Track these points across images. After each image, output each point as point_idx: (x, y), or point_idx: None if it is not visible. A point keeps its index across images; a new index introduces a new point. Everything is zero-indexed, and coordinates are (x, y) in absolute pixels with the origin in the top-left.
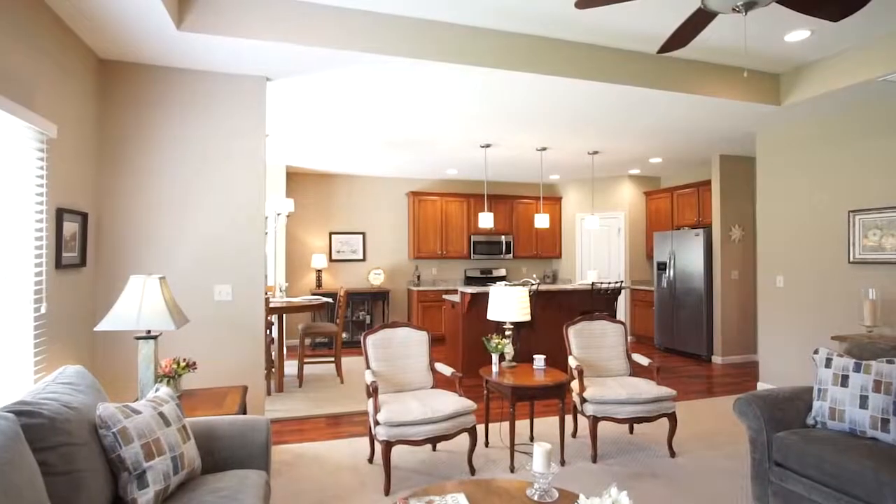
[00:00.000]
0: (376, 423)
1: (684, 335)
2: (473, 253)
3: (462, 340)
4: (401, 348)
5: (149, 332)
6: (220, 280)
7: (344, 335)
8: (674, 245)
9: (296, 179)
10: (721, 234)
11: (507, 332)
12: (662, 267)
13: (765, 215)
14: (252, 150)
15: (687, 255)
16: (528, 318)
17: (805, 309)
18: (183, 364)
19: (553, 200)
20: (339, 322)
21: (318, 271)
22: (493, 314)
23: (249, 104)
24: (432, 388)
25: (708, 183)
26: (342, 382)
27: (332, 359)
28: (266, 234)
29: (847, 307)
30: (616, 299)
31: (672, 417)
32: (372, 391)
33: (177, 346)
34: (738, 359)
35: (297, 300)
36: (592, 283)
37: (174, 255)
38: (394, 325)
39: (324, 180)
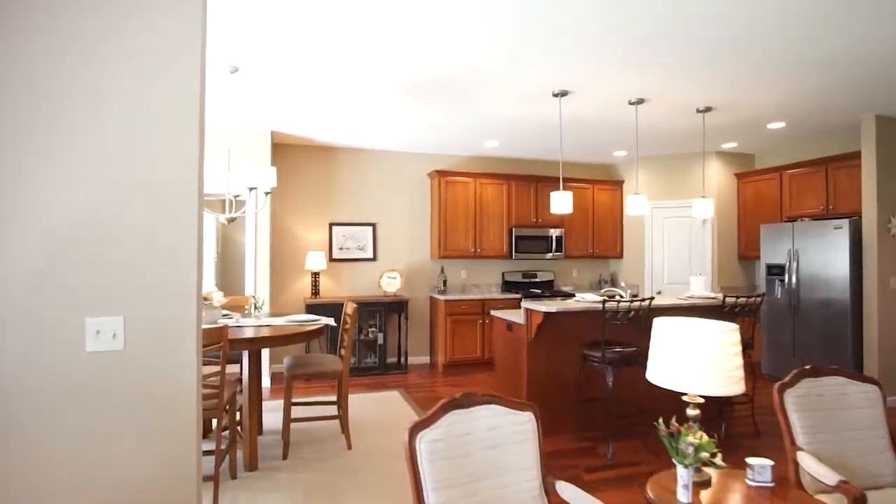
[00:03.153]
0: None
1: (814, 362)
2: (515, 251)
3: (527, 376)
4: (485, 454)
5: None
6: (101, 308)
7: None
8: (796, 241)
9: (285, 153)
10: (878, 227)
11: (693, 415)
12: (776, 270)
13: None
14: (180, 82)
15: (820, 256)
16: (740, 389)
17: None
18: None
19: (612, 185)
20: (344, 355)
21: (315, 274)
22: (658, 375)
23: None
24: None
25: (839, 159)
26: (350, 448)
27: (335, 408)
28: (231, 220)
29: None
30: (753, 318)
31: None
32: None
33: None
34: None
35: (281, 322)
36: (724, 297)
37: None
38: (467, 401)
39: (322, 155)
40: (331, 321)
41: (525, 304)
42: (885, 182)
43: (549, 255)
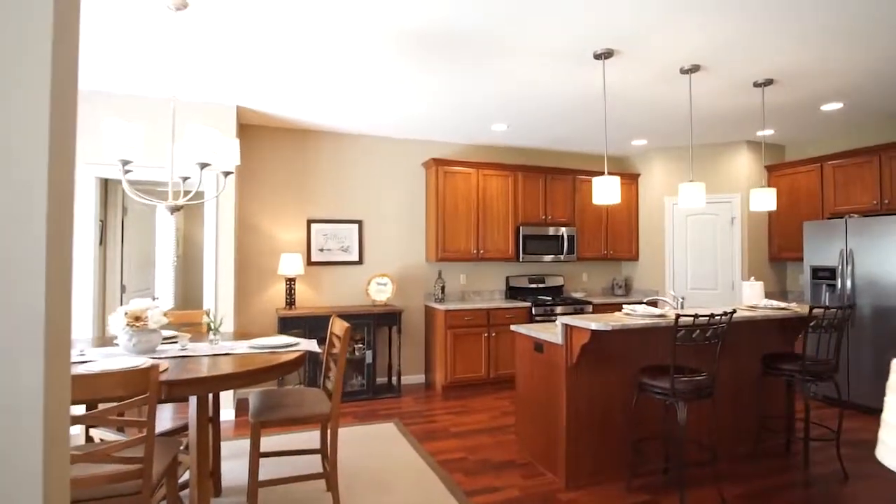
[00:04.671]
0: None
1: (872, 382)
2: (523, 252)
3: (566, 410)
4: None
5: None
6: None
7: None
8: (850, 241)
9: (255, 136)
10: None
11: None
12: (825, 274)
13: None
14: None
15: (880, 257)
16: None
17: None
18: None
19: (627, 179)
20: (333, 390)
21: (290, 281)
22: None
23: None
24: None
25: (894, 147)
26: None
27: (319, 458)
28: (176, 209)
29: None
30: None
31: None
32: None
33: None
34: None
35: (244, 349)
36: (811, 308)
37: None
38: None
39: (299, 140)
40: (313, 346)
41: (564, 319)
42: None
43: (562, 258)
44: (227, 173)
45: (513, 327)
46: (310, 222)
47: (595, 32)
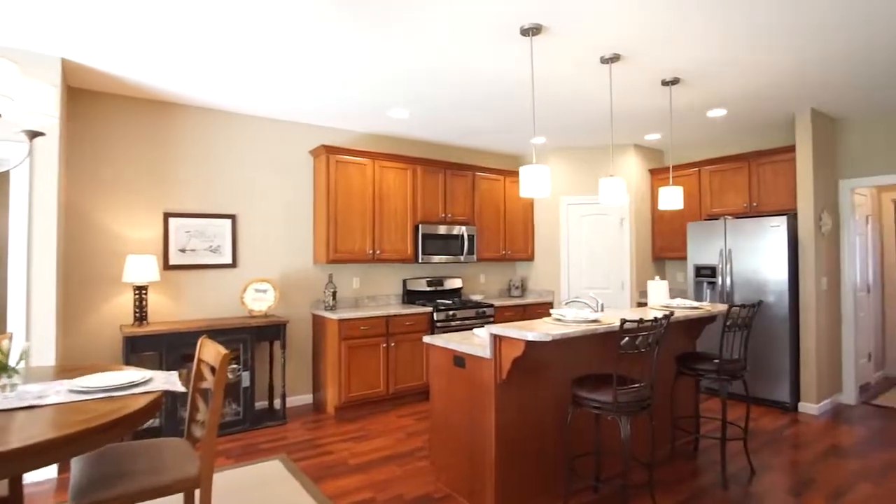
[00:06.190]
0: None
1: (751, 372)
2: (422, 253)
3: (496, 433)
4: None
5: None
6: None
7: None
8: (729, 240)
9: (91, 104)
10: (814, 225)
11: None
12: (707, 272)
13: None
14: None
15: (755, 256)
16: None
17: None
18: None
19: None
20: (204, 441)
21: (141, 290)
22: None
23: None
24: None
25: (763, 154)
26: None
27: None
28: None
29: None
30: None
31: None
32: None
33: None
34: (826, 405)
35: (62, 396)
36: (730, 307)
37: None
38: None
39: (155, 114)
40: (173, 380)
41: (493, 329)
42: (819, 178)
43: (462, 258)
44: (34, 134)
45: (426, 339)
46: (168, 216)
47: (520, 10)
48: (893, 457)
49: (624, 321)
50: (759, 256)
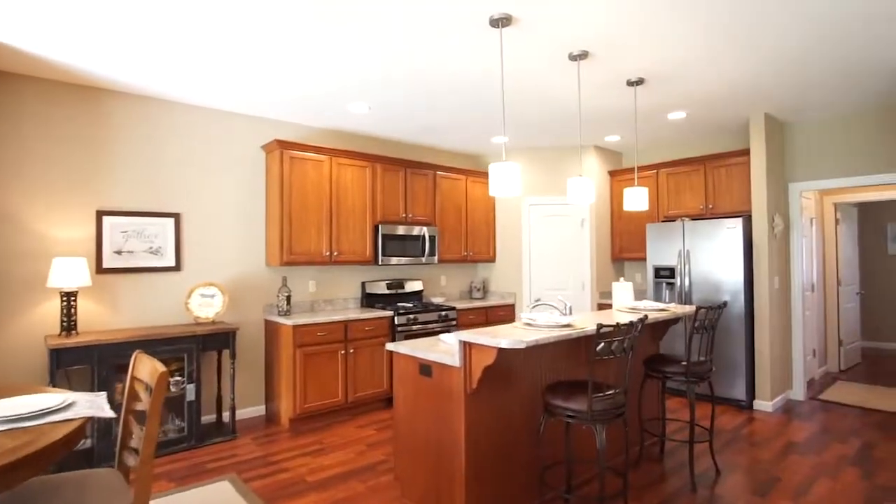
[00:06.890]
0: None
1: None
2: (382, 254)
3: (466, 447)
4: None
5: None
6: None
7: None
8: (687, 242)
9: (11, 86)
10: (767, 227)
11: None
12: (666, 273)
13: None
14: None
15: (712, 257)
16: None
17: None
18: None
19: (485, 178)
20: (138, 471)
21: (69, 296)
22: None
23: None
24: None
25: (718, 157)
26: None
27: None
28: None
29: None
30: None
31: None
32: None
33: None
34: (779, 401)
35: None
36: (697, 308)
37: None
38: None
39: (88, 99)
40: (100, 403)
41: (462, 336)
42: (772, 180)
43: (423, 260)
44: None
45: (389, 346)
46: (101, 214)
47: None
48: (844, 451)
49: (601, 325)
50: (716, 257)
